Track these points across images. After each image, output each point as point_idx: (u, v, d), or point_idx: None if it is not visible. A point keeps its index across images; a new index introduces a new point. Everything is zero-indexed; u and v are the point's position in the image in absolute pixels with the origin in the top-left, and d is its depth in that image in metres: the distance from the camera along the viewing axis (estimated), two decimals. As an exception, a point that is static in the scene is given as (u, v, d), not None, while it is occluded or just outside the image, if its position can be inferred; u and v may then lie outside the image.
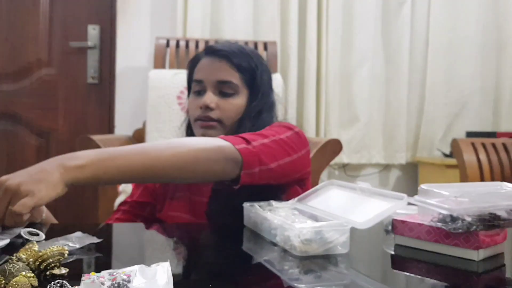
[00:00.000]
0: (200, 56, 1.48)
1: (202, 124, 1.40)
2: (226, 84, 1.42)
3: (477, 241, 0.85)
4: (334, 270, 0.85)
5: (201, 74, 1.43)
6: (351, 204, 1.07)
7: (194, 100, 1.44)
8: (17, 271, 0.70)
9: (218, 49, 1.44)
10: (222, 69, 1.42)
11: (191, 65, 1.51)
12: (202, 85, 1.42)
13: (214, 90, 1.41)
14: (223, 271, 0.86)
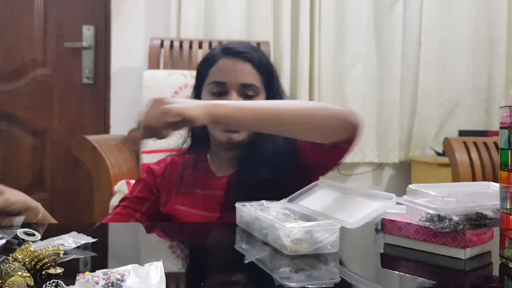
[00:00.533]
0: (217, 57, 1.44)
1: (227, 128, 1.39)
2: (250, 87, 1.41)
3: (464, 240, 0.87)
4: (324, 269, 0.87)
5: (224, 76, 1.40)
6: (341, 204, 1.09)
7: None
8: (13, 271, 0.71)
9: (240, 51, 1.43)
10: (246, 72, 1.41)
11: (205, 65, 1.47)
12: (225, 87, 1.40)
13: (237, 92, 1.40)
14: (215, 270, 0.88)
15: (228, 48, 1.44)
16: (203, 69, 1.47)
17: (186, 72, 2.49)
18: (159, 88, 2.41)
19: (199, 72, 1.49)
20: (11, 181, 3.02)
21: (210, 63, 1.44)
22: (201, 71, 1.48)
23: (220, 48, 1.46)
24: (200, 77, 1.48)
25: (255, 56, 1.43)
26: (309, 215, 1.04)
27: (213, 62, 1.44)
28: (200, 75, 1.48)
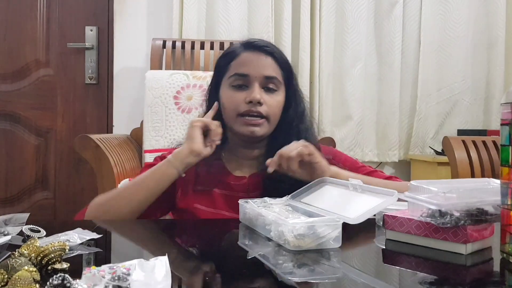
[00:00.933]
0: (237, 51, 1.44)
1: (250, 122, 1.39)
2: (272, 80, 1.41)
3: (465, 235, 0.88)
4: (326, 264, 0.88)
5: (246, 68, 1.40)
6: (343, 200, 1.10)
7: (236, 94, 1.41)
8: (20, 265, 0.71)
9: (262, 45, 1.43)
10: (268, 65, 1.41)
11: (225, 59, 1.46)
12: (247, 79, 1.40)
13: (260, 85, 1.40)
14: (219, 266, 0.88)
15: (250, 43, 1.45)
16: (222, 64, 1.46)
17: (188, 72, 2.50)
18: (161, 88, 2.42)
19: (218, 67, 1.48)
20: (15, 180, 3.08)
21: (231, 57, 1.44)
22: (220, 65, 1.47)
23: (241, 43, 1.47)
24: (219, 72, 1.47)
25: (276, 51, 1.44)
26: (312, 211, 1.04)
27: (234, 56, 1.44)
28: (219, 70, 1.48)
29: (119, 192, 1.39)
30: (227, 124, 1.45)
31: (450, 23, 3.21)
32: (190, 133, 1.34)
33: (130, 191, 1.35)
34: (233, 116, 1.41)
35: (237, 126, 1.41)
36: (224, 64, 1.45)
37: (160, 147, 2.37)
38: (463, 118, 3.26)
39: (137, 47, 3.00)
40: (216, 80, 1.48)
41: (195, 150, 1.32)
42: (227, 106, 1.42)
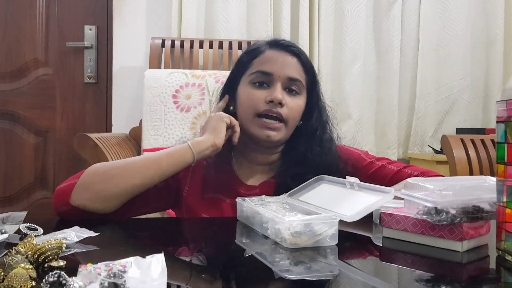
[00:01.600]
0: (262, 48, 1.39)
1: (268, 125, 1.33)
2: (296, 82, 1.36)
3: (461, 232, 0.88)
4: (323, 262, 0.88)
5: (271, 66, 1.35)
6: (340, 198, 1.10)
7: (256, 92, 1.35)
8: (16, 263, 0.71)
9: (289, 45, 1.39)
10: (294, 66, 1.36)
11: (248, 56, 1.41)
12: (270, 78, 1.35)
13: (282, 85, 1.35)
14: (215, 263, 0.89)
15: (277, 41, 1.40)
16: (245, 60, 1.41)
17: (187, 71, 2.51)
18: (160, 87, 2.42)
19: (240, 63, 1.43)
20: (14, 180, 3.08)
21: (254, 54, 1.39)
22: (242, 61, 1.42)
23: (266, 41, 1.42)
24: (240, 68, 1.42)
25: (303, 53, 1.40)
26: (309, 209, 1.05)
27: (258, 53, 1.39)
28: (240, 66, 1.42)
29: (127, 162, 1.27)
30: (242, 126, 1.37)
31: (449, 21, 3.22)
32: (217, 127, 1.29)
33: (139, 164, 1.24)
34: (250, 115, 1.35)
35: (253, 128, 1.35)
36: (247, 61, 1.40)
37: (159, 146, 2.37)
38: (462, 117, 3.27)
39: (136, 46, 3.01)
40: (235, 76, 1.43)
41: (217, 144, 1.27)
42: (245, 104, 1.37)
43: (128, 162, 1.27)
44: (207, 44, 2.82)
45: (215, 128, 1.29)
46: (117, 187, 1.19)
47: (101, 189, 1.19)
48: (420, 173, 1.34)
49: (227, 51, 2.82)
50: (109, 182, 1.19)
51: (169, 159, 1.24)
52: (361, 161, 1.45)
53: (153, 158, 1.26)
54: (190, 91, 2.42)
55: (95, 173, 1.22)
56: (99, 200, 1.18)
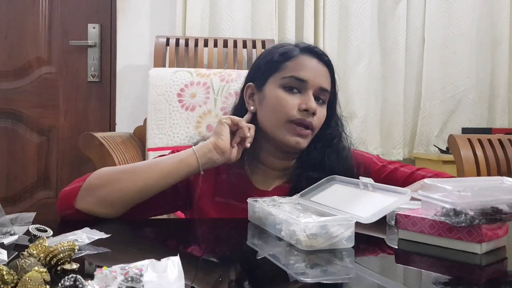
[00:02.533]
0: (294, 52, 1.35)
1: (299, 132, 1.31)
2: (325, 92, 1.35)
3: (480, 234, 0.86)
4: (339, 264, 0.86)
5: (306, 73, 1.31)
6: (355, 199, 1.08)
7: (289, 97, 1.32)
8: (29, 266, 0.70)
9: (322, 53, 1.37)
10: (325, 76, 1.35)
11: (280, 57, 1.36)
12: (303, 84, 1.31)
13: (314, 94, 1.32)
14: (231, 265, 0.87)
15: (310, 47, 1.37)
16: (276, 60, 1.36)
17: (192, 70, 2.49)
18: (165, 85, 2.41)
19: (270, 62, 1.38)
20: (16, 179, 3.07)
21: (287, 56, 1.35)
22: (273, 61, 1.37)
23: (297, 46, 1.38)
24: (270, 67, 1.37)
25: (331, 63, 1.39)
26: (323, 210, 1.03)
27: (291, 56, 1.35)
28: (270, 65, 1.37)
29: (132, 166, 1.27)
30: (266, 128, 1.35)
31: (454, 20, 3.21)
32: (217, 130, 1.26)
33: (142, 168, 1.24)
34: (281, 120, 1.32)
35: (282, 133, 1.32)
36: (278, 62, 1.36)
37: (164, 145, 2.35)
38: (467, 116, 3.25)
39: (140, 45, 2.99)
40: (263, 76, 1.38)
41: (219, 146, 1.23)
42: (276, 108, 1.33)
43: (132, 166, 1.27)
44: (212, 42, 2.80)
45: (216, 131, 1.26)
46: (120, 192, 1.19)
47: (105, 194, 1.18)
48: (433, 175, 1.32)
49: (232, 50, 2.80)
50: (113, 186, 1.19)
51: (172, 163, 1.22)
52: (373, 165, 1.44)
53: (156, 161, 1.25)
54: (195, 90, 2.41)
55: (99, 177, 1.22)
56: (104, 204, 1.18)
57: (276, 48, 1.41)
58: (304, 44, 1.39)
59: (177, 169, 1.22)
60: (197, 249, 1.02)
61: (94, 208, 1.18)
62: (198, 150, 1.23)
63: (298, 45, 1.39)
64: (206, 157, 1.22)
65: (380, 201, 0.99)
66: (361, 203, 1.04)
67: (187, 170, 1.22)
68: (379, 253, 1.00)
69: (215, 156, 1.23)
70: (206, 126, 2.37)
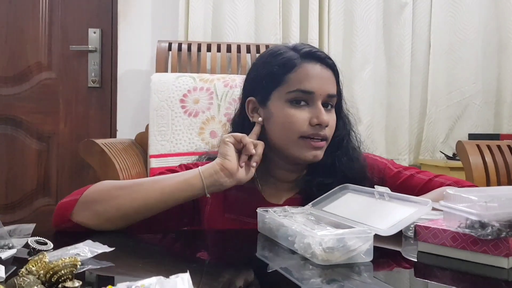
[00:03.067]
0: (295, 61, 1.27)
1: (314, 145, 1.24)
2: (333, 97, 1.28)
3: (507, 248, 0.82)
4: (358, 280, 0.82)
5: (311, 84, 1.24)
6: (370, 209, 1.03)
7: (297, 112, 1.25)
8: (28, 285, 0.66)
9: (324, 56, 1.29)
10: (331, 81, 1.28)
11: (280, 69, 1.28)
12: (311, 96, 1.24)
13: (322, 103, 1.26)
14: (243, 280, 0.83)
15: (310, 52, 1.28)
16: (277, 73, 1.28)
17: (194, 75, 2.44)
18: (168, 91, 2.36)
19: (271, 75, 1.29)
20: (16, 186, 3.02)
21: (288, 67, 1.27)
22: (274, 75, 1.28)
23: (296, 52, 1.29)
24: (272, 81, 1.29)
25: (334, 63, 1.31)
26: (338, 221, 0.98)
27: (292, 66, 1.26)
28: (272, 79, 1.29)
29: (133, 182, 1.21)
30: (277, 145, 1.29)
31: (460, 25, 3.16)
32: (222, 151, 1.18)
33: (144, 186, 1.17)
34: (293, 138, 1.25)
35: (297, 149, 1.26)
36: (280, 74, 1.27)
37: (166, 152, 2.31)
38: (474, 122, 3.20)
39: (141, 50, 2.95)
40: (265, 90, 1.30)
41: (226, 167, 1.15)
42: (285, 126, 1.26)
43: (133, 182, 1.21)
44: (215, 47, 2.76)
45: (221, 152, 1.18)
46: (117, 209, 1.13)
47: (102, 209, 1.13)
48: (452, 183, 1.27)
49: (235, 55, 2.76)
50: (110, 202, 1.14)
51: (175, 183, 1.16)
52: (388, 171, 1.38)
53: (158, 180, 1.19)
54: (198, 96, 2.36)
55: (98, 191, 1.17)
56: (101, 220, 1.13)
57: (274, 57, 1.32)
58: (304, 48, 1.30)
59: (180, 190, 1.15)
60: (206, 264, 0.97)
61: (90, 223, 1.13)
62: (204, 171, 1.16)
63: (297, 49, 1.30)
64: (212, 179, 1.15)
65: (398, 212, 0.94)
66: (378, 214, 0.99)
67: (191, 192, 1.16)
68: (398, 267, 0.95)
69: (222, 179, 1.16)
70: (209, 132, 2.33)
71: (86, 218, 1.13)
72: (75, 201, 1.14)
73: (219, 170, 1.15)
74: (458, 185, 1.26)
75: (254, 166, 1.21)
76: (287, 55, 1.29)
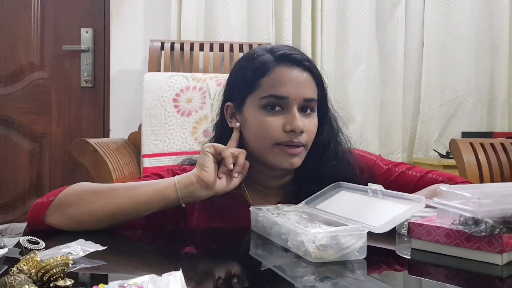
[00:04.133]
0: (269, 64, 1.23)
1: (290, 151, 1.20)
2: (311, 101, 1.23)
3: (500, 244, 0.81)
4: (351, 277, 0.81)
5: (285, 89, 1.19)
6: (364, 207, 1.03)
7: (271, 119, 1.20)
8: (19, 284, 0.65)
9: (300, 58, 1.24)
10: (308, 84, 1.23)
11: (254, 73, 1.24)
12: (285, 101, 1.20)
13: (298, 108, 1.21)
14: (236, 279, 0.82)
15: (285, 55, 1.23)
16: (250, 78, 1.24)
17: (187, 75, 2.44)
18: (160, 90, 2.35)
19: (244, 81, 1.26)
20: (8, 187, 3.01)
21: (262, 71, 1.22)
22: (247, 80, 1.24)
23: (272, 54, 1.25)
24: (246, 86, 1.25)
25: (313, 65, 1.25)
26: (331, 219, 0.98)
27: (265, 70, 1.22)
28: (245, 85, 1.25)
29: (107, 188, 1.17)
30: (254, 152, 1.25)
31: (453, 23, 3.17)
32: (201, 161, 1.15)
33: (118, 192, 1.14)
34: (267, 145, 1.21)
35: (272, 156, 1.22)
36: (253, 79, 1.23)
37: (159, 151, 2.30)
38: (467, 120, 3.21)
39: (134, 49, 2.94)
40: (240, 95, 1.27)
41: (203, 179, 1.12)
42: (259, 133, 1.22)
43: (109, 188, 1.17)
44: (208, 46, 2.75)
45: (199, 163, 1.16)
46: (89, 214, 1.12)
47: (75, 213, 1.12)
48: (446, 179, 1.25)
49: (228, 54, 2.75)
50: (83, 207, 1.12)
51: (149, 191, 1.13)
52: (378, 168, 1.35)
53: (132, 187, 1.16)
54: (191, 95, 2.35)
55: (72, 194, 1.15)
56: (73, 223, 1.12)
57: (248, 61, 1.28)
58: (280, 50, 1.25)
59: (153, 199, 1.13)
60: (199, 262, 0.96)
61: (63, 226, 1.12)
62: (179, 181, 1.13)
63: (273, 51, 1.26)
64: (187, 190, 1.13)
65: (392, 209, 0.93)
66: (372, 212, 0.99)
67: (165, 202, 1.14)
68: (392, 264, 0.94)
69: (197, 190, 1.13)
70: (202, 131, 2.32)
71: (58, 221, 1.12)
72: (49, 202, 1.13)
73: (195, 181, 1.13)
74: (451, 181, 1.25)
75: (236, 177, 1.18)
76: (261, 59, 1.25)
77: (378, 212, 0.96)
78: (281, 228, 0.95)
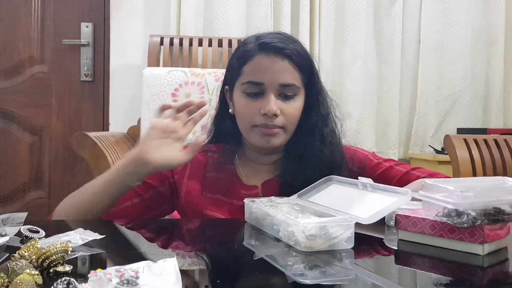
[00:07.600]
0: (251, 52, 1.30)
1: (265, 132, 1.29)
2: (289, 87, 1.29)
3: (482, 235, 0.85)
4: (339, 266, 0.85)
5: (261, 75, 1.27)
6: (354, 199, 1.07)
7: (250, 103, 1.29)
8: (21, 269, 0.68)
9: (278, 46, 1.28)
10: (285, 71, 1.29)
11: (238, 61, 1.33)
12: (262, 87, 1.28)
13: (276, 93, 1.28)
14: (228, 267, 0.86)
15: (265, 43, 1.29)
16: (235, 66, 1.34)
17: (186, 70, 2.46)
18: (159, 85, 2.38)
19: (232, 69, 1.36)
20: (8, 180, 3.04)
21: (244, 59, 1.31)
22: (233, 68, 1.35)
23: (256, 43, 1.32)
24: (233, 74, 1.35)
25: (294, 52, 1.29)
26: (322, 211, 1.01)
27: (247, 59, 1.30)
28: (232, 72, 1.36)
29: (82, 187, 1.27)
30: (242, 133, 1.36)
31: (450, 20, 3.20)
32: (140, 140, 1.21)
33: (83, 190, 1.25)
34: (248, 126, 1.32)
35: (252, 137, 1.32)
36: (237, 67, 1.33)
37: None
38: (463, 117, 3.25)
39: (133, 44, 2.97)
40: (231, 81, 1.36)
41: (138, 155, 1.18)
42: (241, 115, 1.33)
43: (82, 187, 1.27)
44: (206, 42, 2.78)
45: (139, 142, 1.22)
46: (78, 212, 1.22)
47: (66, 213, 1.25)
48: (428, 175, 1.30)
49: (226, 49, 2.78)
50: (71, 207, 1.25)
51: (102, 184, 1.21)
52: (368, 161, 1.41)
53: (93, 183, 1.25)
54: (189, 90, 2.38)
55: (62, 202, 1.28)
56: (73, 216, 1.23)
57: (237, 50, 1.39)
58: (263, 38, 1.32)
59: (107, 189, 1.21)
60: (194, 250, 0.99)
61: None
62: (118, 163, 1.23)
63: (258, 39, 1.32)
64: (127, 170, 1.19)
65: (380, 202, 0.97)
66: (361, 204, 1.02)
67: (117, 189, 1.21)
68: (379, 254, 0.98)
69: (136, 167, 1.18)
70: (200, 126, 2.35)
71: None
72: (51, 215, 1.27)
73: (132, 159, 1.18)
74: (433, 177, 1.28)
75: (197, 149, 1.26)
76: (246, 48, 1.33)
77: (367, 205, 0.99)
78: (273, 219, 0.99)
